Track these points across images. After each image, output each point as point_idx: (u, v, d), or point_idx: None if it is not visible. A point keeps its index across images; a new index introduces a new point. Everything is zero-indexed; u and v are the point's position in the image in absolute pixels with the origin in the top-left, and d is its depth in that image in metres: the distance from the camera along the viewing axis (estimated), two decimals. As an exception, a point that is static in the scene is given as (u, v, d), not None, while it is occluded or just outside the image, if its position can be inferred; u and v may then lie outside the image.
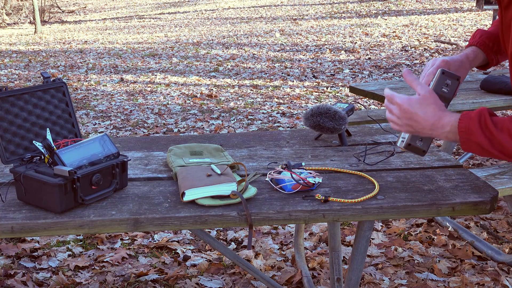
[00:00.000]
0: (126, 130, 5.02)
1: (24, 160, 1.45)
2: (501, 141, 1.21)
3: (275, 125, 4.90)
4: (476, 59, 1.51)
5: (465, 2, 15.14)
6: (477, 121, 1.24)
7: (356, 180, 1.52)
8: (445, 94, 1.37)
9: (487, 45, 1.50)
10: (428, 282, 2.30)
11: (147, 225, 1.34)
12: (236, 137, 1.98)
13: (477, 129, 1.23)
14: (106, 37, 13.39)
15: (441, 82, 1.37)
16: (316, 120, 1.79)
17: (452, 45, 8.86)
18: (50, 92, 1.57)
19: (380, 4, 16.42)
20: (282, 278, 2.36)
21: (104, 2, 25.28)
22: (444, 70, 1.38)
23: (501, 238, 2.66)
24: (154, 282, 2.38)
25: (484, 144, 1.23)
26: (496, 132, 1.21)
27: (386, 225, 2.86)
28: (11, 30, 16.90)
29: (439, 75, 1.38)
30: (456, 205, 1.37)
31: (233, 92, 6.41)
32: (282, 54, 9.12)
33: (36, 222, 1.32)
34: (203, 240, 1.75)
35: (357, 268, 1.57)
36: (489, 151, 1.24)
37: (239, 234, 2.81)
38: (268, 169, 1.63)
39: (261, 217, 1.35)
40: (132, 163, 1.72)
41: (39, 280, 2.43)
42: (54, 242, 2.78)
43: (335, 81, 6.72)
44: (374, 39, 10.00)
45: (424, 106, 1.29)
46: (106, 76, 7.96)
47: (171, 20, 17.11)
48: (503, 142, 1.21)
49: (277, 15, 15.98)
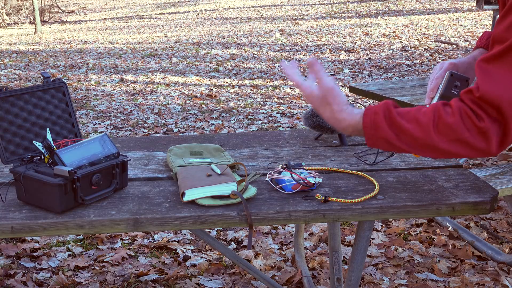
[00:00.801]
0: (126, 130, 5.02)
1: (24, 160, 1.45)
2: (410, 132, 1.18)
3: (275, 125, 4.90)
4: None
5: (465, 2, 15.14)
6: (383, 115, 1.21)
7: (356, 180, 1.52)
8: (455, 96, 1.38)
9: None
10: (428, 282, 2.30)
11: (147, 225, 1.34)
12: (236, 137, 1.98)
13: (383, 124, 1.20)
14: (106, 37, 13.39)
15: (451, 84, 1.38)
16: (316, 120, 1.79)
17: (452, 45, 8.85)
18: (50, 92, 1.57)
19: (380, 4, 16.42)
20: (282, 278, 2.36)
21: (104, 2, 25.28)
22: (453, 72, 1.39)
23: (501, 238, 2.66)
24: (154, 282, 2.38)
25: (391, 138, 1.20)
26: (403, 123, 1.18)
27: (386, 225, 2.86)
28: (11, 30, 16.90)
29: (447, 78, 1.39)
30: (456, 205, 1.37)
31: (233, 92, 6.41)
32: (282, 54, 9.12)
33: (36, 222, 1.32)
34: (203, 240, 1.75)
35: (357, 268, 1.57)
36: (396, 145, 1.21)
37: (239, 234, 2.81)
38: (268, 169, 1.63)
39: (261, 217, 1.35)
40: (132, 163, 1.72)
41: (39, 280, 2.43)
42: (54, 242, 2.78)
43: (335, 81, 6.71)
44: (374, 39, 10.00)
45: (324, 104, 1.26)
46: (106, 76, 7.96)
47: (171, 20, 17.11)
48: (412, 132, 1.18)
49: (277, 15, 15.98)
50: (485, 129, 1.13)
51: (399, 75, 6.88)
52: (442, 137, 1.17)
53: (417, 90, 2.96)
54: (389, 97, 2.81)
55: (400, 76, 6.80)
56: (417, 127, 1.18)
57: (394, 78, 6.76)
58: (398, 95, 2.83)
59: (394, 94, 2.86)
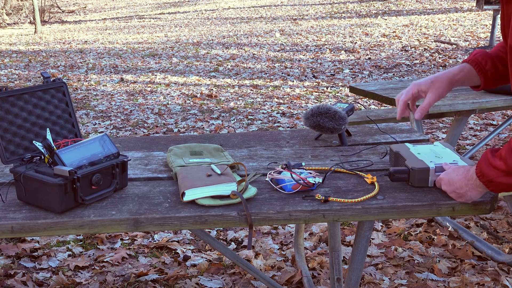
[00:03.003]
0: (126, 130, 5.02)
1: (24, 160, 1.45)
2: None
3: (275, 125, 4.90)
4: (466, 76, 1.47)
5: (465, 2, 15.14)
6: (484, 162, 1.25)
7: (356, 180, 1.52)
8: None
9: (479, 62, 1.45)
10: (428, 282, 2.30)
11: (147, 225, 1.34)
12: (236, 137, 1.98)
13: (489, 169, 1.24)
14: (106, 37, 13.39)
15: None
16: (316, 120, 1.79)
17: (452, 45, 8.85)
18: (50, 92, 1.57)
19: (380, 4, 16.42)
20: (282, 278, 2.36)
21: (104, 2, 25.28)
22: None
23: (501, 238, 2.66)
24: (154, 282, 2.38)
25: (505, 179, 1.23)
26: (506, 160, 1.20)
27: (386, 225, 2.86)
28: (11, 30, 16.90)
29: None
30: (456, 205, 1.37)
31: (233, 92, 6.41)
32: (282, 54, 9.12)
33: (36, 222, 1.32)
34: (203, 240, 1.75)
35: (357, 268, 1.57)
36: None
37: (239, 234, 2.81)
38: (268, 169, 1.63)
39: (261, 217, 1.35)
40: (132, 163, 1.72)
41: (39, 280, 2.43)
42: (54, 242, 2.78)
43: (335, 81, 6.72)
44: (374, 39, 10.00)
45: (455, 170, 1.37)
46: (106, 76, 7.96)
47: (171, 20, 17.11)
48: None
49: (277, 15, 15.98)
50: None
51: (399, 75, 6.88)
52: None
53: (417, 90, 2.95)
54: (389, 97, 2.81)
55: (400, 76, 6.81)
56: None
57: (394, 78, 6.76)
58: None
59: (394, 94, 2.86)
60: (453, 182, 1.35)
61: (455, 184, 1.34)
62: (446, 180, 1.37)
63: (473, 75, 1.47)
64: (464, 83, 1.48)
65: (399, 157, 1.54)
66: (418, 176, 1.44)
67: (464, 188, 1.33)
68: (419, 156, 1.50)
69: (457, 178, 1.34)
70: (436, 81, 1.46)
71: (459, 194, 1.35)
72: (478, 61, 1.46)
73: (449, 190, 1.37)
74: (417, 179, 1.44)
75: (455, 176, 1.35)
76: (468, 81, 1.48)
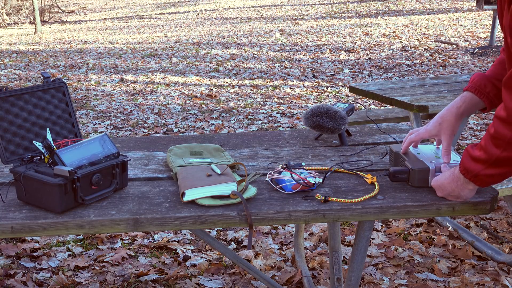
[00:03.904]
0: (126, 130, 5.02)
1: (24, 160, 1.45)
2: (493, 152, 1.21)
3: (275, 125, 4.90)
4: (469, 104, 1.47)
5: (465, 2, 15.14)
6: (466, 158, 1.28)
7: (356, 180, 1.52)
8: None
9: (478, 87, 1.46)
10: (428, 282, 2.30)
11: (147, 225, 1.34)
12: (236, 137, 1.98)
13: (471, 163, 1.26)
14: (106, 37, 13.39)
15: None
16: (316, 120, 1.79)
17: (452, 45, 8.86)
18: (50, 92, 1.57)
19: (380, 4, 16.42)
20: (282, 278, 2.36)
21: (104, 2, 25.28)
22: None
23: (501, 238, 2.66)
24: (154, 282, 2.38)
25: (488, 171, 1.24)
26: (486, 149, 1.22)
27: (386, 225, 2.86)
28: (11, 30, 16.90)
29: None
30: (456, 205, 1.37)
31: (233, 92, 6.41)
32: (282, 54, 9.12)
33: (36, 222, 1.32)
34: (203, 240, 1.75)
35: (357, 268, 1.57)
36: (499, 173, 1.24)
37: (239, 234, 2.81)
38: (268, 169, 1.63)
39: (261, 217, 1.35)
40: (132, 163, 1.72)
41: (39, 280, 2.43)
42: (54, 242, 2.78)
43: (335, 81, 6.72)
44: (374, 39, 10.00)
45: (443, 174, 1.39)
46: (106, 76, 7.96)
47: (171, 20, 17.11)
48: (493, 152, 1.21)
49: (277, 15, 15.98)
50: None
51: (399, 75, 6.88)
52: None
53: (417, 90, 2.96)
54: (389, 97, 2.81)
55: (400, 76, 6.81)
56: (492, 141, 1.21)
57: (394, 78, 6.76)
58: (398, 95, 2.83)
59: (394, 94, 2.86)
60: (444, 187, 1.37)
61: (446, 188, 1.36)
62: (437, 186, 1.39)
63: (476, 101, 1.47)
64: (470, 111, 1.49)
65: (399, 157, 1.54)
66: (418, 176, 1.44)
67: (456, 190, 1.35)
68: (419, 156, 1.50)
69: (446, 181, 1.36)
70: (444, 122, 1.48)
71: (454, 197, 1.37)
72: (477, 86, 1.47)
73: (444, 195, 1.39)
74: (417, 179, 1.44)
75: (444, 180, 1.37)
76: (473, 108, 1.49)
